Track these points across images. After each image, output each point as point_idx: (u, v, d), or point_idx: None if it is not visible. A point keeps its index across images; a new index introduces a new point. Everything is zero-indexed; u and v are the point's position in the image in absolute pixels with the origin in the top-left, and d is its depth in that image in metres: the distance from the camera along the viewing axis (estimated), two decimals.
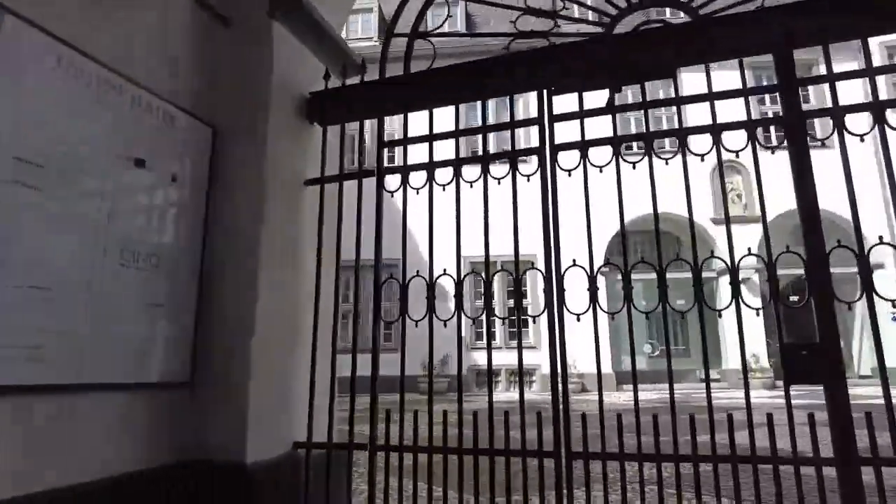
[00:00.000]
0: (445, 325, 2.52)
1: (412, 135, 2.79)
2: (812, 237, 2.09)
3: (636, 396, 2.26)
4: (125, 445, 2.16)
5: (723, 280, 14.08)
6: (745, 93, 2.35)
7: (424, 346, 2.47)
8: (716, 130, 2.34)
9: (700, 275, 2.26)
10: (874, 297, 2.01)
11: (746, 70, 2.41)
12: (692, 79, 2.50)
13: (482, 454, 2.33)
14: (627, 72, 2.49)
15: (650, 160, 2.43)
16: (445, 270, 2.57)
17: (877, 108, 2.14)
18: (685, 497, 2.66)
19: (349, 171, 2.84)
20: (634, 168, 2.62)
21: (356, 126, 2.97)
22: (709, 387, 2.22)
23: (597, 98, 2.55)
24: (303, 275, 2.79)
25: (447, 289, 2.65)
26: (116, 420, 2.13)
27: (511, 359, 12.61)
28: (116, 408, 2.14)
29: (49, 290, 1.91)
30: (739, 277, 2.20)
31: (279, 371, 2.63)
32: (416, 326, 2.52)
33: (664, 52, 2.46)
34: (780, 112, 2.28)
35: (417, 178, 2.70)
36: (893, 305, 2.03)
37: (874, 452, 1.93)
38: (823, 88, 11.30)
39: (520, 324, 2.48)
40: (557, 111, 2.56)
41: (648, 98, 2.48)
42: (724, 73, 2.25)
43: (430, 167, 2.70)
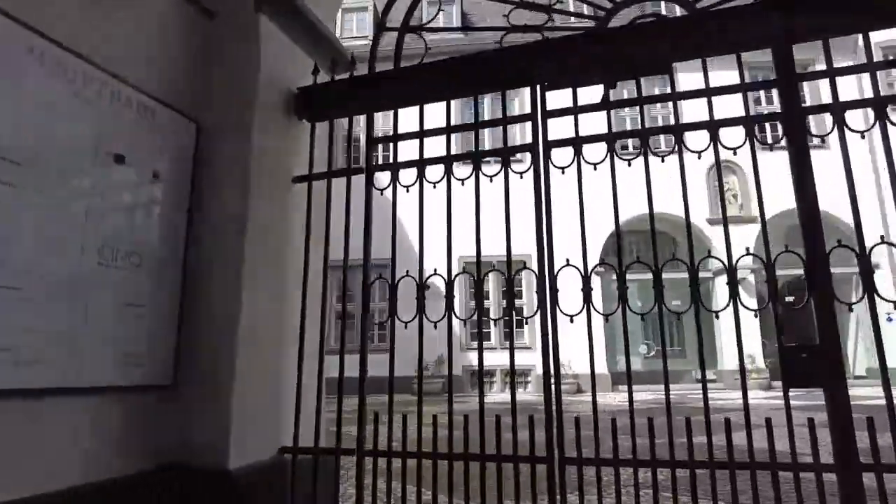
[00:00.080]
0: (436, 327, 2.45)
1: (405, 132, 2.72)
2: (812, 237, 2.03)
3: (631, 399, 2.20)
4: (96, 452, 2.06)
5: (719, 280, 14.05)
6: (744, 88, 2.29)
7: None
8: (713, 126, 2.28)
9: (697, 275, 2.21)
10: (871, 301, 1.97)
11: (743, 70, 2.34)
12: (689, 79, 2.45)
13: (473, 460, 2.27)
14: (622, 67, 2.42)
15: (646, 157, 2.37)
16: (436, 270, 2.51)
17: (878, 104, 2.08)
18: (681, 501, 2.60)
19: (338, 169, 2.77)
20: (630, 165, 2.56)
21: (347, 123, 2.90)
22: (705, 389, 2.17)
23: (591, 95, 2.49)
24: (290, 274, 2.71)
25: (441, 288, 2.58)
26: (87, 425, 2.04)
27: (506, 359, 12.40)
28: (88, 412, 2.05)
29: (20, 290, 1.84)
30: (735, 275, 2.14)
31: (265, 373, 2.55)
32: (406, 328, 2.45)
33: (660, 47, 2.40)
34: (778, 111, 2.23)
35: (409, 176, 2.64)
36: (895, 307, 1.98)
37: (876, 458, 1.88)
38: (820, 90, 11.29)
39: (513, 325, 2.42)
40: (551, 107, 2.49)
41: (644, 95, 2.42)
42: (722, 74, 2.20)
43: (421, 164, 2.63)
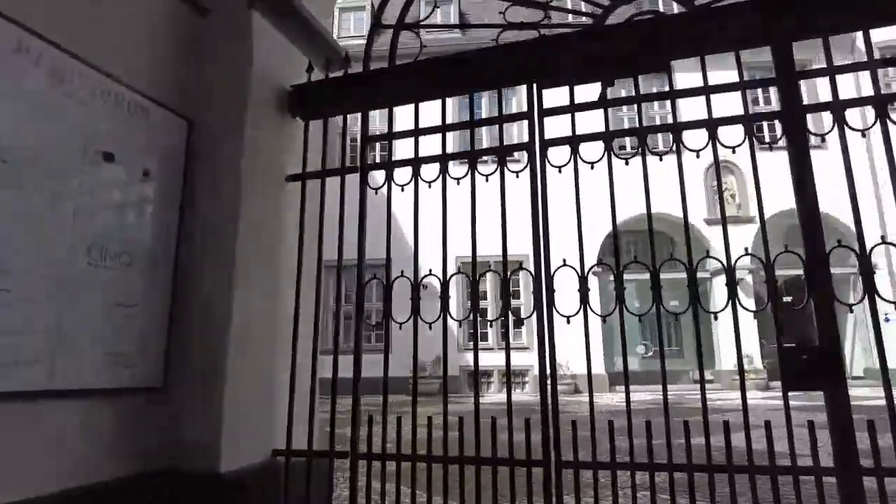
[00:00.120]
0: (430, 328, 2.42)
1: (400, 130, 2.68)
2: (812, 237, 2.00)
3: (628, 401, 2.17)
4: (86, 455, 2.03)
5: (716, 280, 14.04)
6: (742, 86, 2.26)
7: (418, 347, 2.42)
8: (712, 125, 2.25)
9: (695, 276, 2.18)
10: (867, 301, 1.94)
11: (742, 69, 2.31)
12: (686, 79, 2.43)
13: (468, 463, 2.23)
14: (620, 64, 2.39)
15: (643, 156, 2.34)
16: (431, 271, 2.48)
17: (878, 102, 2.05)
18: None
19: (333, 168, 2.74)
20: (627, 164, 2.53)
21: (342, 121, 2.87)
22: (704, 391, 2.13)
23: (589, 94, 2.46)
24: (284, 274, 2.68)
25: (438, 288, 2.54)
26: (76, 428, 2.01)
27: (503, 360, 12.48)
28: (77, 415, 2.02)
29: (8, 293, 1.80)
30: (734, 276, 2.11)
31: (258, 373, 2.52)
32: (400, 329, 2.42)
33: (658, 45, 2.37)
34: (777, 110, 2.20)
35: (404, 175, 2.60)
36: None
37: (876, 461, 1.85)
38: (817, 91, 11.28)
39: (508, 326, 2.39)
40: (548, 106, 2.46)
41: (642, 93, 2.39)
42: (720, 74, 2.17)
43: (416, 163, 2.60)
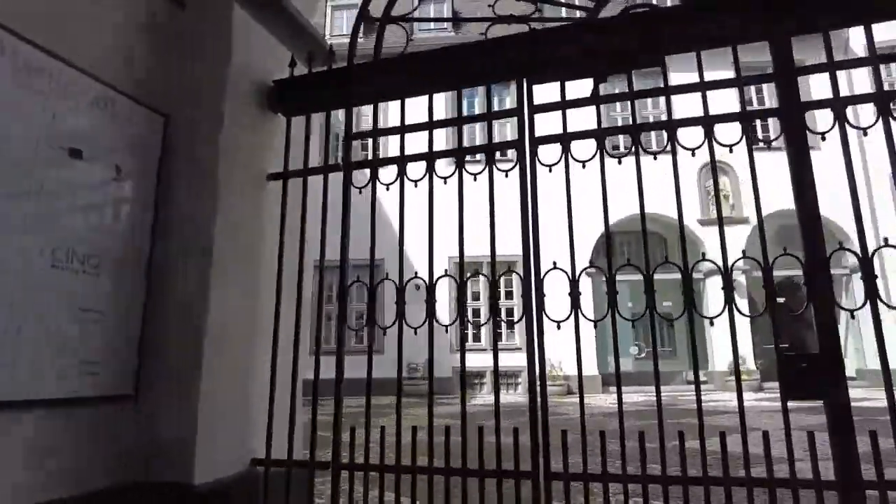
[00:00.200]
0: (416, 333, 2.32)
1: (385, 127, 2.58)
2: (812, 239, 1.92)
3: (620, 407, 2.08)
4: (49, 469, 1.91)
5: (709, 281, 13.97)
6: (740, 82, 2.17)
7: (409, 348, 2.37)
8: (708, 122, 2.16)
9: (690, 279, 2.10)
10: (861, 302, 1.87)
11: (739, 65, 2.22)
12: (681, 78, 2.34)
13: (454, 474, 2.14)
14: (613, 59, 2.31)
15: (637, 155, 2.25)
16: (417, 273, 2.38)
17: (880, 99, 1.97)
18: None
19: (315, 166, 2.64)
20: (620, 163, 2.43)
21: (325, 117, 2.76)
22: (699, 394, 2.04)
23: (580, 89, 2.37)
24: (263, 275, 2.58)
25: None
26: (40, 441, 1.89)
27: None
28: (40, 426, 1.90)
29: None
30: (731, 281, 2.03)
31: (235, 374, 2.42)
32: (385, 335, 2.32)
33: (653, 39, 2.28)
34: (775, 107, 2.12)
35: (390, 174, 2.51)
36: None
37: (879, 474, 1.77)
38: (812, 92, 11.26)
39: (497, 329, 2.29)
40: (538, 102, 2.37)
41: (635, 90, 2.30)
42: (716, 73, 2.08)
43: (402, 161, 2.50)
